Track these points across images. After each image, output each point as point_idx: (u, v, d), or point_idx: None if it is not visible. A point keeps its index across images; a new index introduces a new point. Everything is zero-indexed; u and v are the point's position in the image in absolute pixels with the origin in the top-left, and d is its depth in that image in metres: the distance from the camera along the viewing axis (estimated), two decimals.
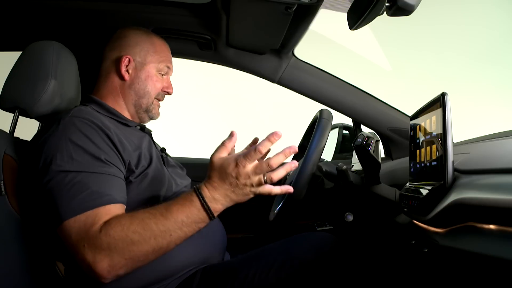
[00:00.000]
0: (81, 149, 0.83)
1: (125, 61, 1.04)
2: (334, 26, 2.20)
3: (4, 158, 0.89)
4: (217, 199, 0.78)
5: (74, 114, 0.89)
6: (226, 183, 0.77)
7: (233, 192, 0.78)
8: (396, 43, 3.54)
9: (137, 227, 0.76)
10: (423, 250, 0.83)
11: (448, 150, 0.70)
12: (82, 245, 0.75)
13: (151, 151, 1.00)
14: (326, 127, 1.03)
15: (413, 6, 0.69)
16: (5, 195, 0.88)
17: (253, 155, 0.75)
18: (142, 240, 0.75)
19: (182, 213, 0.77)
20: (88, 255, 0.74)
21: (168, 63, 1.10)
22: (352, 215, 1.19)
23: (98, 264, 0.74)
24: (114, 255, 0.74)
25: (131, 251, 0.75)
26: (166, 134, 1.73)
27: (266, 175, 0.76)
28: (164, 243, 0.77)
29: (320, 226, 1.35)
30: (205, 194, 0.78)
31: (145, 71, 1.06)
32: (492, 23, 3.37)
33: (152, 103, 1.09)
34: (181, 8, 1.22)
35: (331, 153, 1.78)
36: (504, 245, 0.53)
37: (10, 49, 1.31)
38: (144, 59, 1.06)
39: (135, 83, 1.06)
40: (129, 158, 0.91)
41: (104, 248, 0.74)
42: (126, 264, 0.76)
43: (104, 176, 0.83)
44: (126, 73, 1.05)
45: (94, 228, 0.76)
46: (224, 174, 0.77)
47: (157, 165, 0.97)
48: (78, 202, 0.77)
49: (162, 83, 1.09)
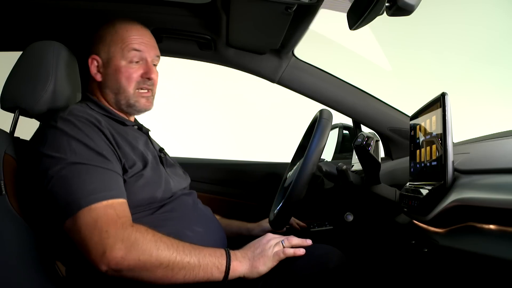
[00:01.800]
0: (83, 144, 0.84)
1: (93, 62, 1.02)
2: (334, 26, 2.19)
3: (5, 158, 0.89)
4: (237, 256, 0.88)
5: (71, 112, 0.90)
6: (250, 246, 0.92)
7: (253, 252, 0.89)
8: (396, 43, 3.53)
9: (167, 240, 0.81)
10: (423, 250, 0.83)
11: (448, 150, 0.70)
12: (104, 231, 0.76)
13: (147, 152, 0.99)
14: (326, 127, 1.03)
15: (413, 6, 0.69)
16: (5, 195, 0.88)
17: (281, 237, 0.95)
18: (166, 251, 0.79)
19: (207, 251, 0.84)
20: (108, 240, 0.75)
21: (134, 45, 1.00)
22: (352, 215, 1.19)
23: (114, 251, 0.75)
24: (133, 250, 0.76)
25: (150, 255, 0.77)
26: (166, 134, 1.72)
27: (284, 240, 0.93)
28: (179, 265, 0.80)
29: (320, 226, 1.34)
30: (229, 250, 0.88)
31: (112, 66, 1.00)
32: (492, 23, 3.37)
33: (133, 95, 1.02)
34: (181, 8, 1.22)
35: (331, 153, 1.78)
36: (504, 245, 0.52)
37: (10, 49, 1.31)
38: (108, 53, 1.01)
39: (107, 82, 1.02)
40: (124, 158, 0.91)
41: (130, 241, 0.76)
42: (135, 265, 0.77)
43: (109, 172, 0.84)
44: (98, 73, 1.02)
45: (123, 220, 0.79)
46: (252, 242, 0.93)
47: (153, 165, 0.97)
48: (92, 191, 0.79)
49: (136, 71, 1.01)
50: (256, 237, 0.98)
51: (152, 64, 1.04)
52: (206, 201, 1.18)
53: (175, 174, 1.08)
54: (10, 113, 1.03)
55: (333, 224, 1.35)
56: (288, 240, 0.93)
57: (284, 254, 0.90)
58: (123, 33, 1.01)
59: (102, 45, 1.02)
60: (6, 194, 0.88)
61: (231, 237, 1.12)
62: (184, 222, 0.97)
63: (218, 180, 1.65)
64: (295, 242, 0.93)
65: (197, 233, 0.96)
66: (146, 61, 1.03)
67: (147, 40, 1.04)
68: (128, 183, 0.90)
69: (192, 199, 1.07)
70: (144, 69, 1.02)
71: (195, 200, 1.08)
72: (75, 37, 1.26)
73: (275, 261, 0.89)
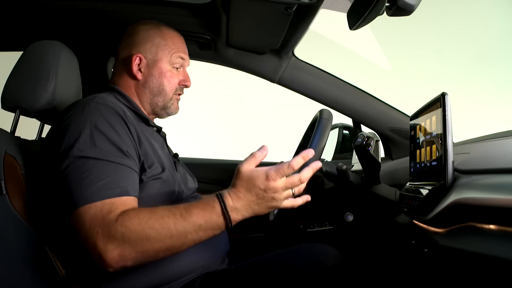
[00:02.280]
0: (105, 136, 0.82)
1: (136, 60, 1.01)
2: (334, 26, 2.20)
3: (5, 158, 0.89)
4: (238, 209, 0.77)
5: (99, 100, 0.88)
6: (252, 194, 0.77)
7: (257, 204, 0.78)
8: (396, 43, 3.54)
9: (154, 223, 0.75)
10: (423, 250, 0.83)
11: (448, 150, 0.70)
12: (96, 231, 0.74)
13: (165, 156, 0.98)
14: (326, 127, 1.04)
15: (413, 6, 0.69)
16: (6, 195, 0.88)
17: (286, 170, 0.76)
18: (157, 237, 0.74)
19: (201, 217, 0.76)
20: (100, 242, 0.74)
21: (181, 54, 1.05)
22: (352, 215, 1.19)
23: (108, 252, 0.73)
24: (126, 246, 0.74)
25: (144, 245, 0.74)
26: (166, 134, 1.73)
27: (295, 188, 0.78)
28: (178, 244, 0.76)
29: (320, 226, 1.35)
30: (227, 202, 0.76)
31: (158, 68, 1.02)
32: (492, 23, 3.37)
33: (170, 99, 1.05)
34: (181, 8, 1.22)
35: (331, 153, 1.78)
36: (504, 245, 0.53)
37: (11, 49, 1.31)
38: (156, 55, 1.02)
39: (149, 82, 1.02)
40: (144, 156, 0.89)
41: (117, 238, 0.73)
42: (136, 257, 0.75)
43: (123, 168, 0.82)
44: (139, 72, 1.01)
45: (110, 216, 0.75)
46: (251, 186, 0.76)
47: (170, 170, 0.96)
48: (96, 189, 0.77)
49: (178, 77, 1.05)
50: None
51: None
52: None
53: (186, 179, 1.08)
54: (11, 113, 1.03)
55: (333, 224, 1.35)
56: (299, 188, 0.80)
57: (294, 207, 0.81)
58: (172, 40, 1.05)
59: (150, 45, 1.02)
60: (7, 194, 0.88)
61: (232, 237, 1.12)
62: None
63: (218, 180, 1.65)
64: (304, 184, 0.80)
65: None
66: (184, 69, 1.08)
67: (186, 50, 1.09)
68: (145, 184, 0.89)
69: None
70: (183, 76, 1.07)
71: None
72: (75, 37, 1.26)
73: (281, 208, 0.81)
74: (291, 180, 0.77)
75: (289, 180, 0.77)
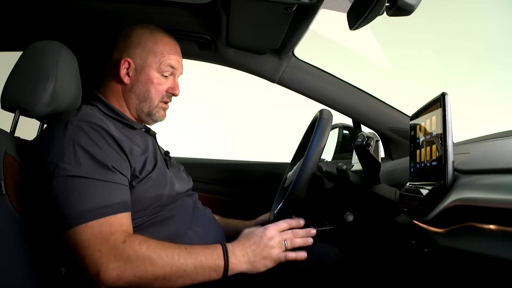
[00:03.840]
0: (89, 154, 0.82)
1: (124, 64, 1.01)
2: (334, 26, 2.20)
3: (5, 158, 0.89)
4: (236, 254, 0.85)
5: (81, 117, 0.88)
6: (250, 241, 0.88)
7: (253, 251, 0.87)
8: (396, 43, 3.53)
9: (161, 251, 0.80)
10: (423, 250, 0.83)
11: (448, 150, 0.70)
12: (97, 250, 0.75)
13: (156, 155, 0.99)
14: (326, 127, 1.03)
15: (413, 6, 0.69)
16: (6, 195, 0.88)
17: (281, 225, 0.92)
18: (160, 264, 0.78)
19: (203, 254, 0.82)
20: (101, 260, 0.75)
21: (172, 62, 1.04)
22: (352, 215, 1.19)
23: (109, 271, 0.75)
24: (128, 268, 0.76)
25: (145, 270, 0.77)
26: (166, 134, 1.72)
27: (287, 240, 0.90)
28: (176, 275, 0.79)
29: (320, 226, 1.34)
30: (228, 246, 0.86)
31: (145, 74, 1.02)
32: (492, 23, 3.37)
33: (156, 106, 1.04)
34: (181, 8, 1.22)
35: (331, 153, 1.78)
36: (504, 245, 0.53)
37: (10, 49, 1.31)
38: (145, 61, 1.02)
39: (135, 87, 1.02)
40: (135, 164, 0.90)
41: (123, 259, 0.75)
42: (132, 281, 0.77)
43: (112, 185, 0.83)
44: (126, 76, 1.02)
45: (115, 236, 0.77)
46: (251, 234, 0.90)
47: (160, 168, 0.96)
48: (88, 208, 0.78)
49: (166, 84, 1.04)
50: None
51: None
52: (206, 201, 1.18)
53: (179, 177, 1.08)
54: (11, 113, 1.03)
55: (333, 224, 1.35)
56: (291, 241, 0.91)
57: (286, 259, 0.89)
58: (164, 47, 1.04)
59: (140, 51, 1.02)
60: (6, 194, 0.88)
61: (230, 237, 1.12)
62: (184, 222, 0.97)
63: (218, 180, 1.65)
64: (298, 243, 0.92)
65: (197, 233, 0.97)
66: (174, 77, 1.07)
67: (180, 59, 1.08)
68: (137, 187, 0.89)
69: (193, 200, 1.07)
70: (172, 84, 1.06)
71: (195, 201, 1.08)
72: (75, 37, 1.26)
73: (275, 263, 0.89)
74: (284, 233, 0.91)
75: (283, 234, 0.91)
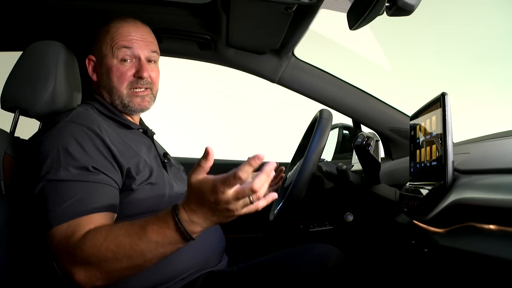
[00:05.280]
0: (71, 156, 0.82)
1: (90, 62, 1.02)
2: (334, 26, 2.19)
3: (5, 158, 0.89)
4: (195, 222, 0.70)
5: (72, 118, 0.88)
6: (205, 206, 0.69)
7: (214, 215, 0.70)
8: (396, 43, 3.54)
9: (110, 244, 0.72)
10: (423, 250, 0.83)
11: (448, 150, 0.70)
12: (61, 254, 0.75)
13: (151, 158, 0.98)
14: (326, 127, 1.04)
15: (413, 6, 0.69)
16: (5, 195, 0.88)
17: (232, 181, 0.65)
18: (115, 258, 0.72)
19: (157, 234, 0.71)
20: (66, 264, 0.74)
21: (124, 43, 0.97)
22: (352, 215, 1.19)
23: (75, 275, 0.74)
24: (89, 268, 0.73)
25: (104, 267, 0.73)
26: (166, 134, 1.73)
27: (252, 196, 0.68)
28: (138, 262, 0.74)
29: (320, 226, 1.35)
30: (182, 217, 0.70)
31: (104, 65, 0.99)
32: (492, 23, 3.37)
33: (126, 96, 0.98)
34: (181, 8, 1.22)
35: (331, 153, 1.78)
36: (504, 245, 0.53)
37: (10, 49, 1.31)
38: (101, 52, 1.00)
39: (101, 82, 1.01)
40: (128, 165, 0.89)
41: (78, 261, 0.73)
42: (103, 278, 0.74)
43: (90, 184, 0.81)
44: (94, 73, 1.02)
45: (73, 239, 0.75)
46: (202, 199, 0.69)
47: (158, 172, 0.95)
48: (62, 210, 0.77)
49: (129, 70, 0.98)
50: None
51: (145, 61, 1.00)
52: None
53: (179, 178, 1.07)
54: (10, 113, 1.03)
55: (333, 224, 1.35)
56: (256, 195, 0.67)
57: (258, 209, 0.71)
58: (114, 31, 0.99)
59: (98, 45, 1.01)
60: (6, 194, 0.88)
61: (231, 237, 1.12)
62: None
63: None
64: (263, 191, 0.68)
65: None
66: (139, 59, 0.99)
67: (140, 36, 0.99)
68: (135, 191, 0.89)
69: None
70: (136, 67, 0.98)
71: None
72: (75, 37, 1.26)
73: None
74: (240, 191, 0.66)
75: (238, 191, 0.66)
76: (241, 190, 0.66)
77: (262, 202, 0.70)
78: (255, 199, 0.68)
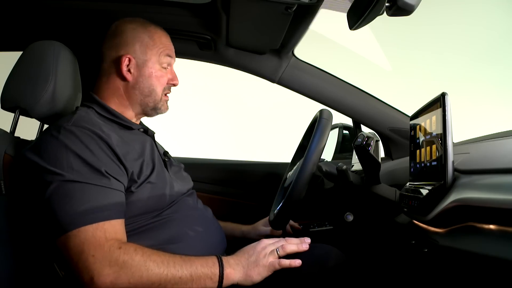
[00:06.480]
0: (81, 159, 0.82)
1: (125, 61, 0.99)
2: (334, 26, 2.20)
3: (5, 158, 0.90)
4: (230, 263, 0.86)
5: (75, 122, 0.88)
6: (244, 252, 0.90)
7: (247, 260, 0.87)
8: (396, 43, 3.53)
9: (157, 257, 0.79)
10: (423, 250, 0.83)
11: (448, 150, 0.70)
12: (90, 255, 0.75)
13: (154, 157, 0.98)
14: (326, 127, 1.03)
15: (413, 6, 0.69)
16: (5, 195, 0.88)
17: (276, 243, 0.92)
18: (155, 271, 0.77)
19: (198, 262, 0.83)
20: (95, 265, 0.74)
21: (168, 52, 1.05)
22: (352, 215, 1.19)
23: (102, 277, 0.74)
24: (123, 274, 0.75)
25: (140, 277, 0.76)
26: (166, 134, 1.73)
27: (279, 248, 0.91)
28: (171, 282, 0.78)
29: (320, 226, 1.34)
30: (222, 257, 0.87)
31: (147, 68, 1.01)
32: (492, 23, 3.36)
33: (160, 100, 1.05)
34: (181, 8, 1.22)
35: (331, 153, 1.78)
36: (504, 245, 0.52)
37: (10, 49, 1.31)
38: (145, 54, 1.01)
39: (139, 83, 1.01)
40: (132, 168, 0.89)
41: (117, 264, 0.75)
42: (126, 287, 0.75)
43: (106, 190, 0.82)
44: (128, 73, 1.00)
45: (110, 243, 0.76)
46: (245, 248, 0.91)
47: (159, 170, 0.96)
48: (81, 213, 0.77)
49: (166, 76, 1.05)
50: (251, 240, 0.97)
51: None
52: (206, 201, 1.18)
53: (179, 177, 1.07)
54: (11, 113, 1.03)
55: (333, 224, 1.35)
56: (283, 248, 0.90)
57: (280, 266, 0.88)
58: (159, 38, 1.04)
59: (138, 45, 1.00)
60: (6, 194, 0.88)
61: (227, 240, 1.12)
62: (186, 222, 0.97)
63: (218, 180, 1.65)
64: (290, 249, 0.91)
65: (198, 233, 0.96)
66: (171, 67, 1.08)
67: (172, 47, 1.08)
68: (136, 192, 0.89)
69: (193, 200, 1.07)
70: (171, 74, 1.07)
71: (195, 201, 1.08)
72: (75, 37, 1.26)
73: (270, 271, 0.88)
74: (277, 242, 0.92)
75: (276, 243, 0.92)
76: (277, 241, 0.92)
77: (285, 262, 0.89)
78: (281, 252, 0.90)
